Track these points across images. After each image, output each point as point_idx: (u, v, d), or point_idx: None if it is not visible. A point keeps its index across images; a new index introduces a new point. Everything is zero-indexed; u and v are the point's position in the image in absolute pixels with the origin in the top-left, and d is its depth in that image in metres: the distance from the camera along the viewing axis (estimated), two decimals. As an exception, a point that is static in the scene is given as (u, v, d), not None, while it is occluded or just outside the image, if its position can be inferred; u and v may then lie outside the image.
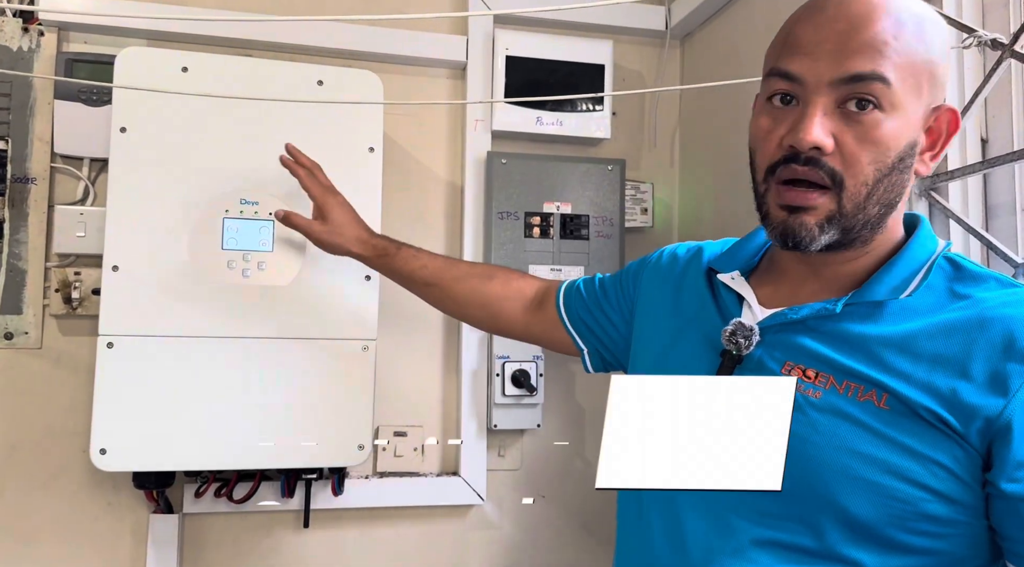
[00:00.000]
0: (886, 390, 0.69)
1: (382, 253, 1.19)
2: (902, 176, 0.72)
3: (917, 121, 0.72)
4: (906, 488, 0.67)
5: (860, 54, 0.69)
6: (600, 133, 1.61)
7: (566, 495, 1.62)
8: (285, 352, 1.29)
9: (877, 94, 0.69)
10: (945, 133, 0.74)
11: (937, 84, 0.73)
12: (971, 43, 1.03)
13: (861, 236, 0.74)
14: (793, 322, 0.75)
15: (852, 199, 0.71)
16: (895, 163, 0.71)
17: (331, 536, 1.51)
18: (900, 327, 0.71)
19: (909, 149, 0.72)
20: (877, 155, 0.70)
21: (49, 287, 1.40)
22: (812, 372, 0.72)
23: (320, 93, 1.35)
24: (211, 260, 1.28)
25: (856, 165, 0.70)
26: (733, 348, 0.76)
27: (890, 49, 0.69)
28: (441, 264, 1.19)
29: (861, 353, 0.71)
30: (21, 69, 1.40)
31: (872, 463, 0.68)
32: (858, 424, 0.69)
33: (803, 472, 0.70)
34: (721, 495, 0.75)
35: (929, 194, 1.11)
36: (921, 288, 0.73)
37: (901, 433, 0.68)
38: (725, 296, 0.83)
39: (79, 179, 1.42)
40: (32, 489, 1.39)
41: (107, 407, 1.22)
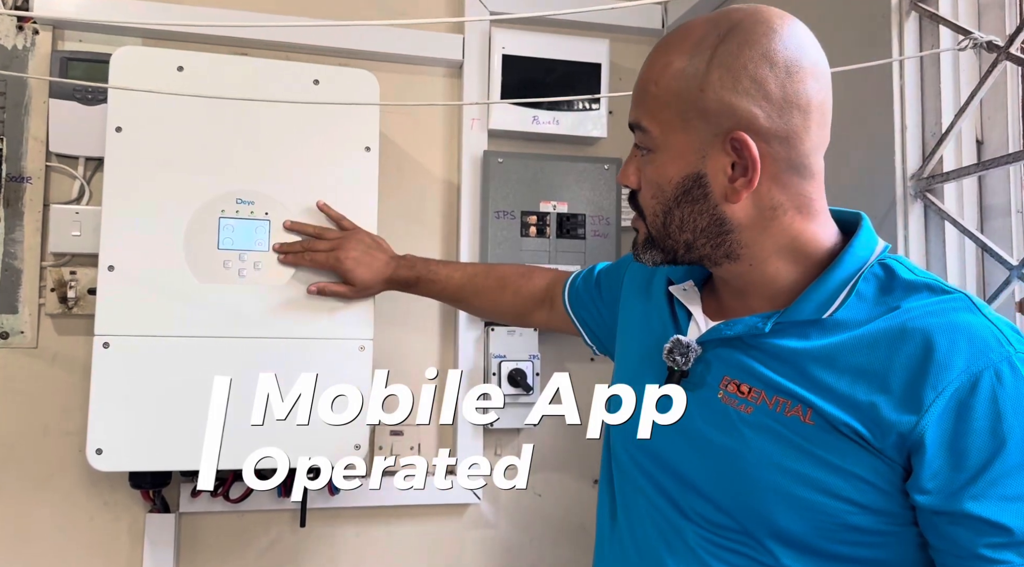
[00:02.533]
0: (810, 406, 0.71)
1: (406, 285, 1.31)
2: (695, 207, 0.76)
3: (691, 154, 0.75)
4: (831, 502, 0.70)
5: (633, 105, 0.79)
6: (597, 132, 1.61)
7: (562, 494, 1.62)
8: (282, 352, 1.29)
9: (641, 140, 0.78)
10: (747, 158, 0.73)
11: (716, 116, 0.72)
12: (967, 45, 1.03)
13: (698, 254, 0.79)
14: (729, 338, 0.79)
15: (653, 227, 0.79)
16: (677, 196, 0.76)
17: (327, 535, 1.51)
18: (826, 341, 0.73)
19: (691, 181, 0.75)
20: (655, 191, 0.78)
21: (45, 286, 1.39)
22: (746, 387, 0.76)
23: (316, 92, 1.34)
24: (207, 260, 1.28)
25: (644, 200, 0.80)
26: (672, 365, 0.81)
27: (648, 96, 0.76)
28: (455, 283, 1.29)
29: (790, 368, 0.74)
30: (16, 68, 1.39)
31: (797, 479, 0.71)
32: (784, 440, 0.72)
33: (737, 487, 0.74)
34: (672, 504, 0.80)
35: (924, 196, 1.11)
36: (850, 300, 0.74)
37: (824, 449, 0.70)
38: (677, 307, 0.88)
39: (74, 178, 1.41)
40: (28, 489, 1.39)
41: (103, 407, 1.21)
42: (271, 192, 1.31)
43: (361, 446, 1.32)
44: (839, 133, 0.84)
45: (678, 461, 0.80)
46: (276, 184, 1.31)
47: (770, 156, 0.73)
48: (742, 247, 0.77)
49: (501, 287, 1.26)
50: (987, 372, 0.66)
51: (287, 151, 1.32)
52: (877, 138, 1.15)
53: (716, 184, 0.75)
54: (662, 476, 0.82)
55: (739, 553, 0.75)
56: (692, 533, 0.78)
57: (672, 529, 0.80)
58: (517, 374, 1.51)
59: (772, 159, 0.73)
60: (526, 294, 1.24)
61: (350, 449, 1.31)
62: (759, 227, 0.76)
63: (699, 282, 0.88)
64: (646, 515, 0.84)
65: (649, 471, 0.84)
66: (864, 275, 0.75)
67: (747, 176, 0.74)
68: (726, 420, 0.76)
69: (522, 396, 1.53)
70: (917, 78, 1.14)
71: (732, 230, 0.77)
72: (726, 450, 0.75)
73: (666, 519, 0.81)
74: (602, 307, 1.10)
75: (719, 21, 0.74)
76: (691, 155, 0.75)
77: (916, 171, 1.12)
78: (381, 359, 1.45)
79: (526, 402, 1.55)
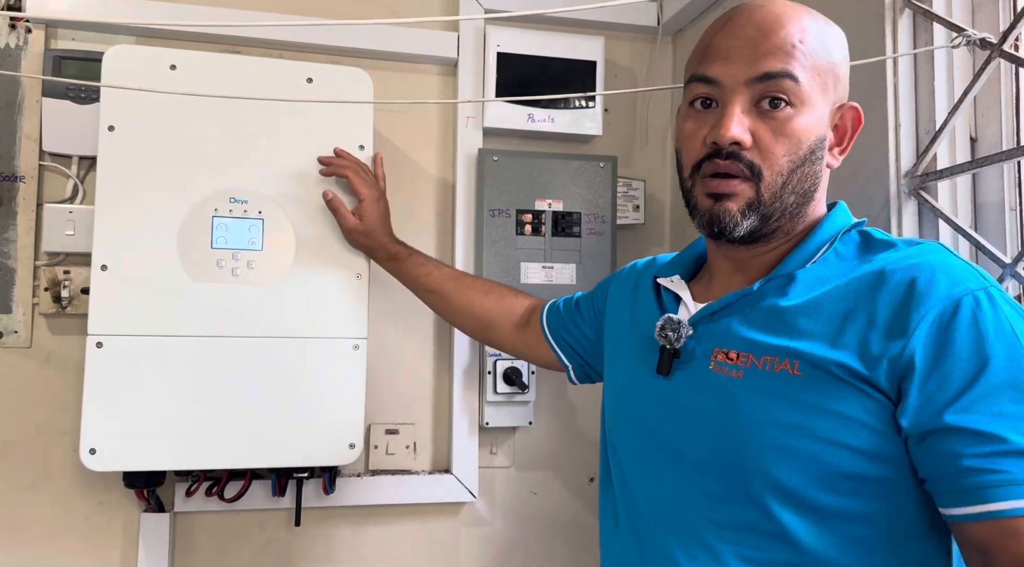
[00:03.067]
0: (797, 357, 0.73)
1: (394, 257, 1.30)
2: (814, 167, 0.79)
3: (825, 117, 0.79)
4: (826, 448, 0.71)
5: (771, 56, 0.76)
6: (592, 130, 1.60)
7: (558, 492, 1.62)
8: (276, 351, 1.29)
9: (787, 91, 0.76)
10: (851, 129, 0.82)
11: (840, 84, 0.81)
12: (960, 42, 1.03)
13: (781, 225, 0.80)
14: (718, 310, 0.81)
15: (769, 188, 0.78)
16: (807, 155, 0.78)
17: (323, 534, 1.51)
18: (810, 294, 0.76)
19: (819, 142, 0.79)
20: (790, 147, 0.77)
21: (38, 286, 1.39)
22: (735, 354, 0.78)
23: (310, 91, 1.34)
24: (200, 259, 1.27)
25: (771, 157, 0.77)
26: (664, 342, 0.83)
27: (797, 51, 0.77)
28: (445, 274, 1.29)
29: (776, 325, 0.76)
30: (8, 66, 1.39)
31: (791, 430, 0.72)
32: (775, 395, 0.73)
33: (734, 449, 0.75)
34: (675, 491, 0.80)
35: (918, 193, 1.11)
36: (830, 256, 0.78)
37: (814, 395, 0.71)
38: (665, 297, 0.91)
39: (68, 177, 1.41)
40: (22, 489, 1.39)
41: (97, 407, 1.21)
42: (265, 191, 1.31)
43: (356, 445, 1.32)
44: (833, 130, 0.85)
45: (676, 441, 0.81)
46: (270, 183, 1.31)
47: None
48: (801, 220, 0.82)
49: (486, 290, 1.27)
50: (967, 298, 0.68)
51: (281, 150, 1.32)
52: (871, 135, 1.14)
53: (826, 149, 0.81)
54: (662, 463, 0.83)
55: (743, 528, 0.75)
56: (696, 516, 0.79)
57: (676, 517, 0.80)
58: (512, 373, 1.51)
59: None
60: (506, 305, 1.25)
61: (345, 448, 1.32)
62: (816, 200, 0.82)
63: (685, 277, 0.91)
64: (647, 508, 0.84)
65: (650, 460, 0.84)
66: (842, 238, 0.79)
67: (842, 145, 0.82)
68: (719, 388, 0.78)
69: (517, 394, 1.53)
70: (911, 75, 1.14)
71: (811, 200, 0.81)
72: (720, 416, 0.77)
73: (669, 508, 0.81)
74: (584, 327, 1.13)
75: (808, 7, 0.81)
76: (824, 115, 0.79)
77: (910, 168, 1.12)
78: (375, 358, 1.45)
79: (521, 401, 1.55)
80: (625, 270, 1.07)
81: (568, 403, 1.63)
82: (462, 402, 1.54)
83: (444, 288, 1.28)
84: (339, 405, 1.32)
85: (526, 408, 1.56)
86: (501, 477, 1.60)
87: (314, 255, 1.32)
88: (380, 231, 1.30)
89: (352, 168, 1.31)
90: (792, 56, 0.76)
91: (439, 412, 1.58)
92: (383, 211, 1.31)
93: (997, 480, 0.63)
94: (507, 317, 1.24)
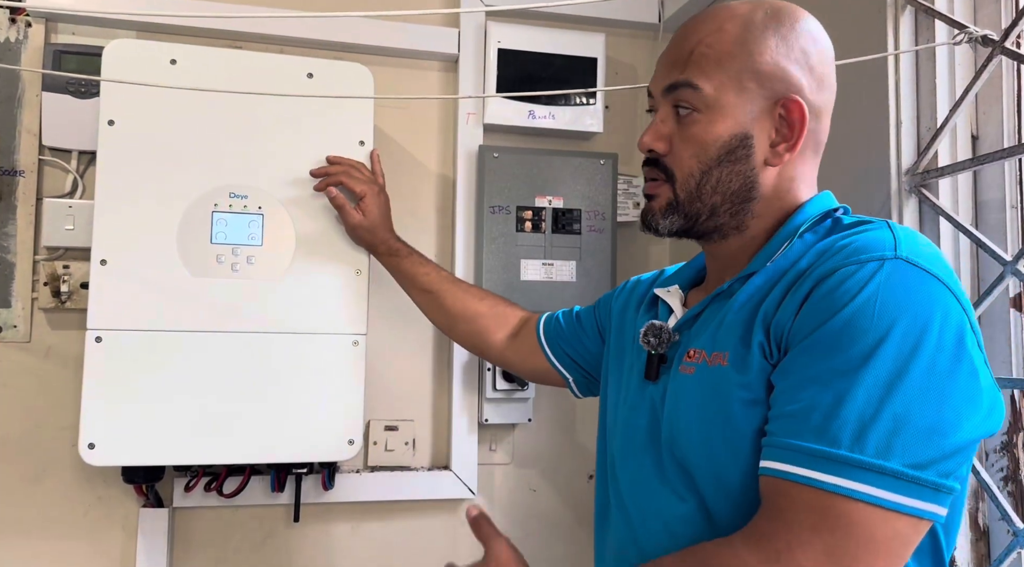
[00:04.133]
0: (728, 349, 0.75)
1: (394, 253, 1.30)
2: (736, 167, 0.79)
3: (744, 116, 0.78)
4: (750, 428, 0.72)
5: (676, 66, 0.80)
6: (593, 127, 1.60)
7: (557, 489, 1.62)
8: (275, 347, 1.29)
9: (688, 98, 0.79)
10: (797, 124, 0.79)
11: (773, 80, 0.78)
12: (962, 39, 1.03)
13: (718, 222, 0.81)
14: (696, 314, 0.84)
15: (683, 188, 0.81)
16: (721, 156, 0.79)
17: (321, 530, 1.51)
18: (759, 288, 0.77)
19: (737, 141, 0.78)
20: (696, 150, 0.79)
21: (38, 280, 1.39)
22: (694, 351, 0.80)
23: (310, 86, 1.34)
24: (200, 254, 1.27)
25: (680, 160, 0.81)
26: (648, 347, 0.85)
27: (700, 57, 0.79)
28: (442, 276, 1.29)
29: (727, 320, 0.77)
30: (8, 61, 1.39)
31: (723, 422, 0.73)
32: (709, 388, 0.76)
33: (683, 442, 0.77)
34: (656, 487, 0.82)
35: (919, 191, 1.11)
36: (794, 246, 0.78)
37: (739, 387, 0.73)
38: (661, 308, 0.92)
39: (67, 172, 1.41)
40: (21, 484, 1.39)
41: (96, 401, 1.21)
42: (265, 186, 1.31)
43: (355, 441, 1.32)
44: (834, 128, 0.85)
45: (658, 443, 0.82)
46: (270, 178, 1.31)
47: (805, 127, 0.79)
48: (753, 217, 0.81)
49: (481, 296, 1.27)
50: (851, 266, 0.68)
51: (281, 145, 1.32)
52: (872, 133, 1.14)
53: (759, 147, 0.79)
54: (648, 466, 0.83)
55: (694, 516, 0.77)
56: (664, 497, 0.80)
57: (661, 522, 0.81)
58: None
59: (807, 131, 0.79)
60: (499, 313, 1.24)
61: (344, 444, 1.31)
62: (775, 197, 0.81)
63: (685, 288, 0.93)
64: (636, 512, 0.85)
65: (637, 462, 0.85)
66: (814, 228, 0.79)
67: (790, 141, 0.79)
68: (682, 387, 0.80)
69: (517, 391, 1.53)
70: (912, 73, 1.13)
71: (755, 197, 0.81)
72: (689, 417, 0.78)
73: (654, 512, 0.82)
74: (587, 341, 1.12)
75: (760, 3, 0.81)
76: (741, 116, 0.78)
77: (911, 166, 1.12)
78: (375, 354, 1.45)
79: (520, 398, 1.55)
80: (630, 283, 1.07)
81: (567, 400, 1.63)
82: (461, 399, 1.54)
83: (439, 289, 1.27)
84: (338, 401, 1.31)
85: (525, 405, 1.56)
86: (500, 474, 1.60)
87: (314, 251, 1.32)
88: (383, 226, 1.30)
89: (344, 172, 1.30)
90: (691, 63, 0.79)
91: (438, 409, 1.58)
92: (384, 206, 1.31)
93: (776, 442, 0.67)
94: (499, 325, 1.23)
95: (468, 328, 1.25)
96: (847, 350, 0.65)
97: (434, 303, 1.28)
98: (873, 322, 0.64)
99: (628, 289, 1.06)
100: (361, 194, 1.28)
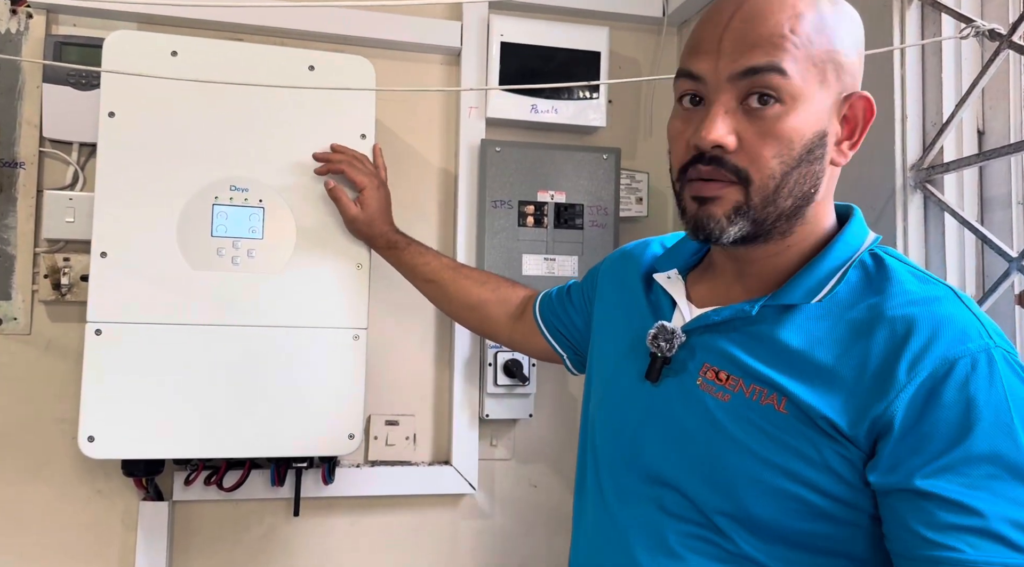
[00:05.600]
0: (786, 395, 0.70)
1: (393, 246, 1.29)
2: (812, 167, 0.72)
3: (824, 111, 0.72)
4: (800, 489, 0.69)
5: (756, 48, 0.70)
6: (596, 121, 1.59)
7: (558, 485, 1.62)
8: (275, 341, 1.28)
9: (775, 86, 0.69)
10: (862, 121, 0.75)
11: (846, 73, 0.73)
12: (969, 33, 1.02)
13: (778, 228, 0.74)
14: (715, 323, 0.78)
15: (760, 192, 0.72)
16: (802, 155, 0.71)
17: (321, 524, 1.51)
18: (809, 328, 0.72)
19: (818, 139, 0.72)
20: (780, 149, 0.70)
21: (38, 273, 1.39)
22: (724, 374, 0.75)
23: (311, 78, 1.33)
24: (200, 247, 1.27)
25: (760, 160, 0.71)
26: (656, 350, 0.80)
27: (787, 41, 0.70)
28: (443, 263, 1.28)
29: (770, 356, 0.73)
30: (9, 52, 1.38)
31: (769, 466, 0.70)
32: (757, 428, 0.71)
33: (707, 472, 0.73)
34: (644, 489, 0.80)
35: (924, 186, 1.10)
36: (838, 287, 0.73)
37: (796, 438, 0.69)
38: (661, 297, 0.86)
39: (68, 164, 1.40)
40: (21, 476, 1.38)
41: (95, 394, 1.21)
42: (265, 179, 1.30)
43: (356, 436, 1.31)
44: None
45: (654, 448, 0.80)
46: (271, 171, 1.30)
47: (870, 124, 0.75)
48: (803, 223, 0.76)
49: (483, 281, 1.26)
50: (963, 360, 0.65)
51: (282, 138, 1.31)
52: (877, 128, 1.13)
53: (830, 145, 0.74)
54: (637, 467, 0.82)
55: (709, 543, 0.75)
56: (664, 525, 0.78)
57: (644, 521, 0.80)
58: (513, 365, 1.51)
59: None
60: (502, 295, 1.24)
61: (345, 438, 1.31)
62: (822, 200, 0.76)
63: (684, 271, 0.88)
64: (618, 507, 0.83)
65: (626, 462, 0.83)
66: (854, 263, 0.75)
67: (852, 139, 0.74)
68: (702, 407, 0.75)
69: (518, 387, 1.52)
70: (918, 67, 1.13)
71: (813, 200, 0.75)
72: (702, 436, 0.75)
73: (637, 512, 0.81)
74: (575, 315, 1.11)
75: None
76: (823, 110, 0.72)
77: (916, 161, 1.11)
78: (375, 349, 1.45)
79: (522, 393, 1.54)
80: (616, 255, 1.03)
81: (569, 396, 1.63)
82: (462, 394, 1.54)
83: (442, 277, 1.26)
84: (339, 395, 1.31)
85: (526, 400, 1.55)
86: (501, 469, 1.60)
87: (315, 244, 1.31)
88: (381, 220, 1.30)
89: (347, 162, 1.29)
90: (780, 47, 0.69)
91: (439, 404, 1.58)
92: (384, 200, 1.31)
93: (961, 559, 0.62)
94: (503, 308, 1.23)
95: (473, 315, 1.26)
96: (1005, 457, 0.63)
97: (438, 293, 1.28)
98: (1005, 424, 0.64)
99: (615, 261, 1.01)
100: (361, 186, 1.28)
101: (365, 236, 1.31)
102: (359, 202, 1.28)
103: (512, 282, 1.27)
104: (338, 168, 1.29)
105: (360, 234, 1.31)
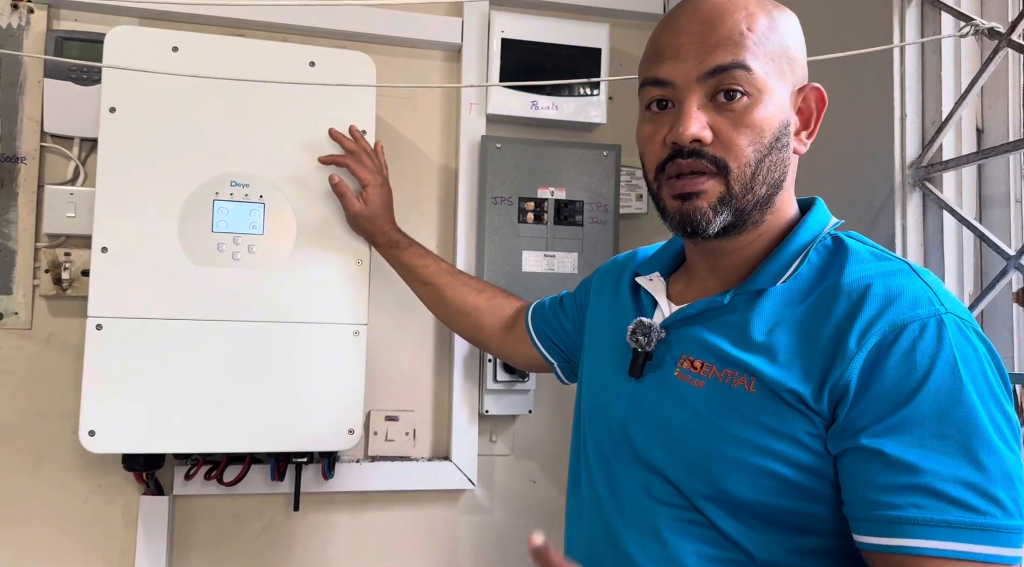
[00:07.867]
0: (755, 375, 0.73)
1: (394, 245, 1.30)
2: (781, 155, 0.77)
3: (785, 102, 0.77)
4: (770, 463, 0.71)
5: (719, 48, 0.75)
6: (596, 118, 1.59)
7: (557, 481, 1.62)
8: (275, 336, 1.29)
9: (741, 81, 0.74)
10: (816, 111, 0.80)
11: (797, 66, 0.79)
12: (968, 31, 1.02)
13: (752, 217, 0.78)
14: (691, 316, 0.81)
15: (739, 180, 0.76)
16: (772, 143, 0.76)
17: (321, 519, 1.51)
18: (774, 312, 0.76)
19: (783, 128, 0.77)
20: (753, 137, 0.75)
21: (39, 267, 1.39)
22: (699, 363, 0.78)
23: (312, 74, 1.33)
24: (201, 242, 1.27)
25: (735, 149, 0.75)
26: (636, 345, 0.83)
27: (746, 39, 0.75)
28: (442, 268, 1.30)
29: (740, 340, 0.76)
30: (10, 47, 1.38)
31: (740, 443, 0.73)
32: (731, 409, 0.74)
33: (688, 458, 0.76)
34: (634, 482, 0.82)
35: (923, 184, 1.10)
36: (801, 269, 0.77)
37: (765, 415, 0.72)
38: (643, 298, 0.90)
39: (69, 159, 1.41)
40: (21, 471, 1.39)
41: (96, 389, 1.21)
42: (266, 175, 1.30)
43: (355, 431, 1.32)
44: (838, 120, 0.85)
45: (640, 442, 0.82)
46: (271, 167, 1.30)
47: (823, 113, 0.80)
48: (772, 212, 0.80)
49: (479, 289, 1.28)
50: (912, 325, 0.68)
51: (283, 134, 1.31)
52: (876, 125, 1.14)
53: (791, 135, 0.79)
54: (625, 460, 0.84)
55: (700, 527, 0.76)
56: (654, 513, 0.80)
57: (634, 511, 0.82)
58: (512, 361, 1.51)
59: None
60: (496, 305, 1.26)
61: (345, 434, 1.32)
62: (787, 189, 0.81)
63: (665, 274, 0.91)
64: (609, 501, 0.85)
65: (615, 456, 0.86)
66: (816, 246, 0.78)
67: (809, 129, 0.80)
68: (680, 396, 0.78)
69: (517, 383, 1.52)
70: (918, 65, 1.13)
71: (781, 189, 0.79)
72: (680, 425, 0.77)
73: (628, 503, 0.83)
74: (567, 324, 1.13)
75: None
76: (783, 100, 0.77)
77: (915, 159, 1.11)
78: (375, 344, 1.45)
79: (521, 389, 1.55)
80: (606, 266, 1.07)
81: (568, 392, 1.63)
82: (462, 390, 1.54)
83: (439, 281, 1.28)
84: (339, 391, 1.31)
85: (526, 396, 1.56)
86: (500, 465, 1.60)
87: (315, 240, 1.32)
88: (383, 217, 1.30)
89: (352, 156, 1.30)
90: (741, 45, 0.75)
91: (439, 399, 1.58)
92: (386, 197, 1.31)
93: (906, 516, 0.64)
94: (495, 316, 1.25)
95: (467, 321, 1.28)
96: (951, 417, 0.65)
97: (434, 296, 1.30)
98: (953, 385, 0.65)
99: (605, 271, 1.05)
100: (365, 182, 1.28)
101: (367, 233, 1.32)
102: (362, 198, 1.29)
103: (507, 293, 1.28)
104: (342, 161, 1.29)
105: (362, 231, 1.32)
